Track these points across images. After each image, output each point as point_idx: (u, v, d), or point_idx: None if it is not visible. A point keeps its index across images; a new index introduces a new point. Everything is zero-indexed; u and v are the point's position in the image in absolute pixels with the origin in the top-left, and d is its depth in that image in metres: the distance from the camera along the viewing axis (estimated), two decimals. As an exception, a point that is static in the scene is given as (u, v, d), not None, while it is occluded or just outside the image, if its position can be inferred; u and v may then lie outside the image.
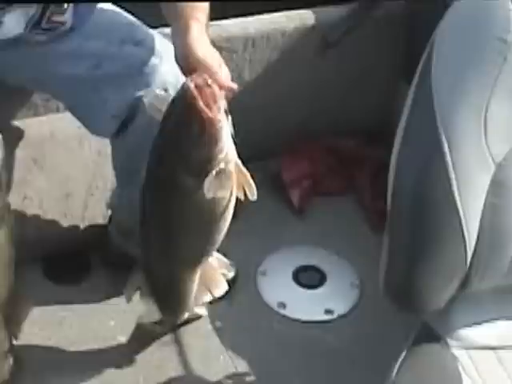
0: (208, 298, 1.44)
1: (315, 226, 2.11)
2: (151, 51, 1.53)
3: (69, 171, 1.89)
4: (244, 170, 1.23)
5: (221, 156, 1.18)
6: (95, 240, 1.91)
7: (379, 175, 2.11)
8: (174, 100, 1.20)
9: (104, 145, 1.74)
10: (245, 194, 1.23)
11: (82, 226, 1.95)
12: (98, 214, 1.94)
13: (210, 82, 1.17)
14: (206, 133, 1.16)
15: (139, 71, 1.52)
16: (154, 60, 1.52)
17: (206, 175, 1.18)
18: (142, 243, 1.36)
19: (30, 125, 1.82)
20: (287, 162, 2.17)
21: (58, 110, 1.81)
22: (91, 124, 1.64)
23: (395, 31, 2.13)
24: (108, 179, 1.88)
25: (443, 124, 1.18)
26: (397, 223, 1.26)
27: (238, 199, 1.24)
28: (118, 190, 1.77)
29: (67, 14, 1.51)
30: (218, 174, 1.19)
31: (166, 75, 1.50)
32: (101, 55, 1.54)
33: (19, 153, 1.80)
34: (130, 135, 1.57)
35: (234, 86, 1.25)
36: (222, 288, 1.42)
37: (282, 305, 1.89)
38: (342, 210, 2.16)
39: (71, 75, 1.56)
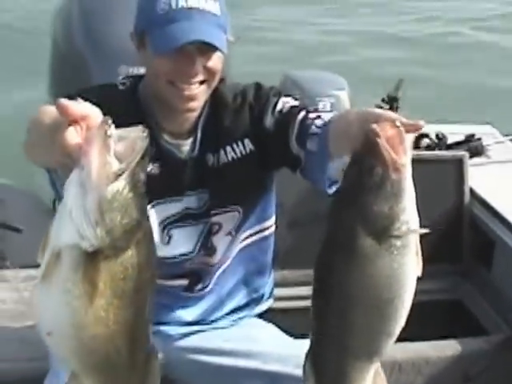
0: None
1: None
2: None
3: None
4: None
5: (403, 217, 1.09)
6: None
7: None
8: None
9: None
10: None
11: None
12: None
13: (397, 123, 1.09)
14: (388, 180, 1.08)
15: None
16: None
17: (387, 237, 1.10)
18: (314, 321, 1.22)
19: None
20: None
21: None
22: None
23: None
24: None
25: None
26: None
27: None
28: None
29: None
30: (398, 238, 1.10)
31: None
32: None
33: None
34: None
35: (421, 122, 1.13)
36: None
37: None
38: None
39: None
